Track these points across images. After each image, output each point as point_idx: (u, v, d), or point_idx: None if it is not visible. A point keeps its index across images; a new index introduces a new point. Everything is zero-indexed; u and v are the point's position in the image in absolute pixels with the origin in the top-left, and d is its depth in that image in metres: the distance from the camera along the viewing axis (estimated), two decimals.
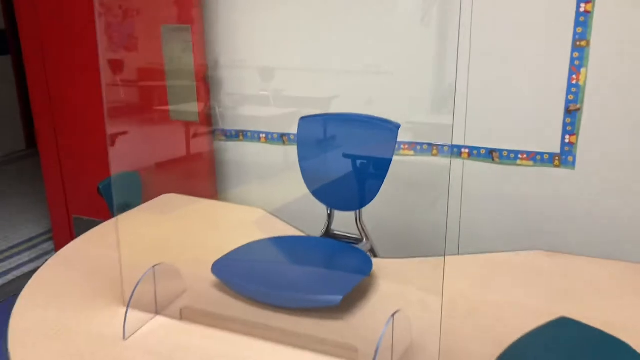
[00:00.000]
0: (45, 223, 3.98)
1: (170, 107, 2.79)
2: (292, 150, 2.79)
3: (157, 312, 1.56)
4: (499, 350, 1.31)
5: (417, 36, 2.48)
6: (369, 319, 1.51)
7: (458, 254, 2.22)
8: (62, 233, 3.46)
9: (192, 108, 2.80)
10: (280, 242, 1.86)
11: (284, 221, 2.12)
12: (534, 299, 1.58)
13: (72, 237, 3.43)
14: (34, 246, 3.65)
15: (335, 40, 2.62)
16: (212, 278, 1.70)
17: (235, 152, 2.92)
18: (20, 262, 3.44)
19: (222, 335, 1.45)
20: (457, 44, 2.42)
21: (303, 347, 1.40)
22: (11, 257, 3.51)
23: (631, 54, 2.17)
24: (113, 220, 2.26)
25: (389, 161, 1.86)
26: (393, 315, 1.30)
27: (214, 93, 2.91)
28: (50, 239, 3.72)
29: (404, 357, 1.34)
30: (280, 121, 2.82)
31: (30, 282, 1.75)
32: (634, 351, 1.27)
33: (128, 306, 1.47)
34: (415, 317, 1.48)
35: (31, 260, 3.45)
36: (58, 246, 3.52)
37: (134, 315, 1.50)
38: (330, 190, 1.97)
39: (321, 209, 2.13)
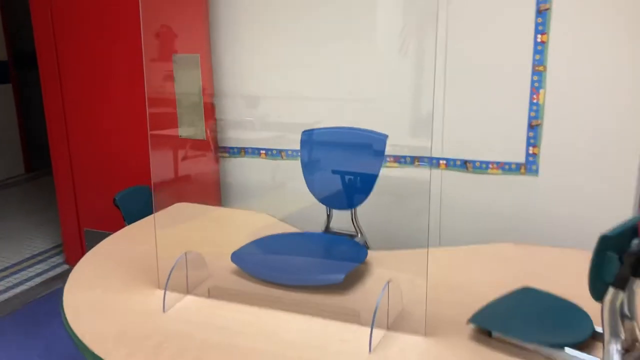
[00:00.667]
0: (54, 238, 4.22)
1: (180, 127, 3.11)
2: (290, 164, 3.11)
3: (188, 292, 1.85)
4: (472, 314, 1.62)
5: (396, 64, 2.83)
6: (367, 293, 1.82)
7: (439, 246, 2.55)
8: (72, 246, 3.71)
9: (200, 128, 3.12)
10: (287, 237, 2.17)
11: (287, 222, 2.43)
12: (502, 278, 1.91)
13: (83, 250, 3.68)
14: (44, 259, 3.89)
15: (321, 69, 2.97)
16: (232, 266, 2.00)
17: (237, 166, 3.24)
18: (33, 274, 3.68)
19: (245, 309, 1.75)
20: (433, 70, 2.78)
21: (314, 314, 1.70)
22: (23, 269, 3.74)
23: (580, 76, 2.55)
24: (129, 227, 2.53)
25: (380, 165, 2.20)
26: (388, 283, 1.61)
27: (218, 115, 3.23)
28: (60, 252, 3.96)
29: (397, 319, 1.65)
30: (275, 140, 3.15)
31: (73, 270, 2.03)
32: (584, 311, 1.59)
33: (167, 284, 1.76)
34: (405, 292, 1.78)
35: (44, 272, 3.69)
36: (69, 258, 3.77)
37: (169, 294, 1.79)
38: (329, 192, 2.29)
39: (320, 211, 2.44)
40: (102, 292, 1.88)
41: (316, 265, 1.92)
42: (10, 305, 3.26)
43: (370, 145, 2.21)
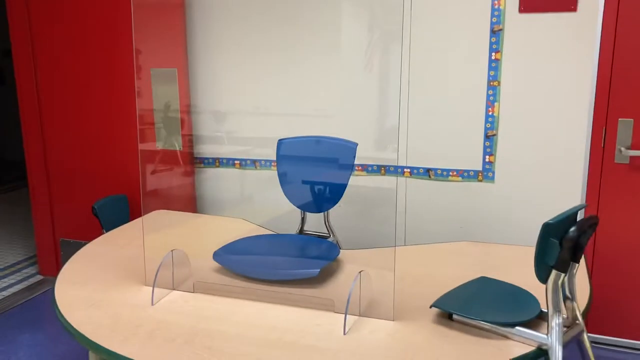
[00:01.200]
0: (26, 250, 4.26)
1: (157, 139, 3.24)
2: (263, 173, 3.27)
3: (173, 288, 1.98)
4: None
5: (362, 80, 3.04)
6: (340, 286, 1.99)
7: (405, 245, 2.74)
8: (47, 256, 3.77)
9: (176, 140, 3.26)
10: (264, 237, 2.32)
11: (263, 227, 2.58)
12: (461, 271, 2.11)
13: (57, 260, 3.74)
14: (17, 270, 3.92)
15: (291, 86, 3.15)
16: (214, 265, 2.15)
17: (212, 176, 3.38)
18: (6, 284, 3.72)
19: (228, 301, 1.90)
20: (399, 86, 2.99)
21: (293, 305, 1.86)
22: None
23: (531, 90, 2.80)
24: (109, 233, 2.64)
25: (350, 170, 2.38)
26: (360, 272, 1.78)
27: (194, 128, 3.37)
28: (33, 263, 4.00)
29: (368, 307, 1.82)
30: (248, 152, 3.31)
31: (62, 270, 2.14)
32: (533, 296, 1.79)
33: (155, 279, 1.90)
34: (375, 284, 1.96)
35: (17, 282, 3.73)
36: (43, 269, 3.82)
37: (157, 290, 1.92)
38: (303, 197, 2.45)
39: (294, 216, 2.61)
40: (92, 289, 1.99)
41: (292, 262, 2.08)
42: None
43: (341, 153, 2.40)
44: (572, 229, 1.52)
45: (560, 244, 1.53)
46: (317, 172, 2.43)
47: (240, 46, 3.22)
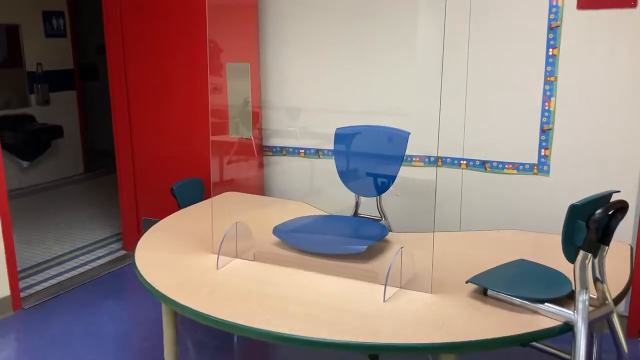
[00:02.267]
0: (112, 228, 4.69)
1: (230, 127, 3.52)
2: (325, 162, 3.48)
3: (236, 256, 2.22)
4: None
5: (427, 77, 3.16)
6: (386, 262, 2.16)
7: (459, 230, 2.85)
8: (131, 233, 4.15)
9: (248, 128, 3.53)
10: (321, 217, 2.53)
11: (320, 209, 2.78)
12: (502, 255, 2.21)
13: (139, 236, 4.11)
14: (104, 245, 4.35)
15: (358, 84, 3.33)
16: (273, 239, 2.37)
17: (279, 163, 3.63)
18: (95, 257, 4.14)
19: (284, 270, 2.11)
20: (465, 87, 3.09)
21: (341, 276, 2.04)
22: (87, 253, 4.21)
23: (588, 86, 2.84)
24: (184, 209, 2.91)
25: (402, 158, 2.54)
26: (401, 248, 1.95)
27: (264, 122, 3.64)
28: (118, 239, 4.41)
29: (409, 281, 1.98)
30: (313, 144, 3.53)
31: (142, 238, 2.43)
32: (566, 277, 1.89)
33: (220, 246, 2.15)
34: (419, 263, 2.11)
35: (105, 255, 4.15)
36: (126, 245, 4.21)
37: (221, 257, 2.17)
38: (357, 181, 2.64)
39: (350, 199, 2.79)
40: (166, 255, 2.27)
41: (344, 239, 2.27)
42: (75, 281, 3.71)
43: (393, 140, 2.56)
44: (598, 211, 1.62)
45: (586, 225, 1.63)
46: (370, 158, 2.60)
47: (311, 43, 3.43)
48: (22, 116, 6.06)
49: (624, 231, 2.88)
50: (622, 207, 1.67)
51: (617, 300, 1.86)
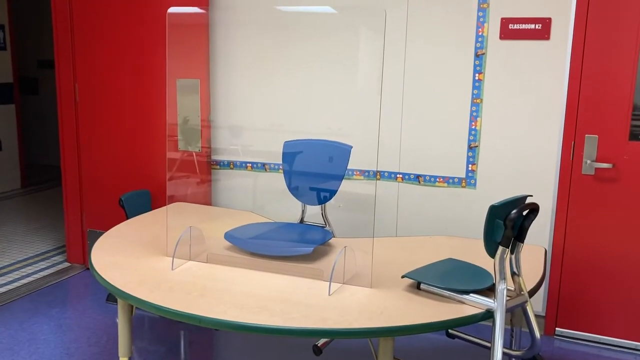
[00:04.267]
0: (54, 241, 4.66)
1: (180, 141, 3.65)
2: (271, 175, 3.67)
3: (190, 259, 2.36)
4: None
5: (365, 99, 3.43)
6: (330, 263, 2.36)
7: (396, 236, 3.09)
8: (75, 245, 4.17)
9: (196, 143, 3.67)
10: (269, 224, 2.70)
11: (268, 218, 2.96)
12: (434, 255, 2.46)
13: (84, 249, 4.14)
14: (47, 258, 4.33)
15: (307, 104, 3.56)
16: (225, 244, 2.53)
17: (227, 176, 3.78)
18: (37, 269, 4.12)
19: (236, 270, 2.27)
20: (400, 108, 3.37)
21: (289, 274, 2.22)
22: (29, 265, 4.19)
23: (510, 108, 3.17)
24: (133, 219, 3.01)
25: (345, 169, 2.77)
26: (344, 247, 2.15)
27: (213, 134, 3.79)
28: (62, 252, 4.40)
29: (351, 278, 2.18)
30: (259, 159, 3.72)
31: (96, 243, 2.52)
32: (488, 272, 2.14)
33: (175, 248, 2.28)
34: (360, 264, 2.32)
35: (47, 268, 4.14)
36: (70, 257, 4.22)
37: (175, 259, 2.30)
38: (305, 191, 2.84)
39: (295, 211, 2.98)
40: (122, 257, 2.38)
41: (292, 241, 2.46)
42: (18, 292, 3.70)
43: (337, 153, 2.78)
44: (514, 211, 1.88)
45: (504, 223, 1.89)
46: (316, 169, 2.81)
47: (258, 62, 3.64)
48: None
49: (540, 236, 3.22)
50: (534, 209, 1.94)
51: (531, 293, 2.13)
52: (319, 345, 2.69)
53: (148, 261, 2.35)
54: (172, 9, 3.05)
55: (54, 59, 4.01)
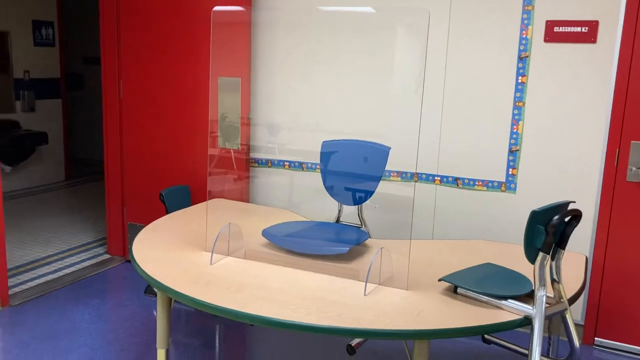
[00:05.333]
0: (95, 233, 4.79)
1: (219, 137, 3.71)
2: (308, 174, 3.69)
3: (228, 254, 2.39)
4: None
5: (404, 101, 3.41)
6: (366, 263, 2.36)
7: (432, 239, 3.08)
8: (115, 238, 4.27)
9: (235, 139, 3.72)
10: (307, 222, 2.72)
11: (304, 216, 2.98)
12: (471, 260, 2.43)
13: (124, 241, 4.24)
14: (88, 249, 4.46)
15: (346, 105, 3.56)
16: (262, 241, 2.55)
17: (264, 173, 3.82)
18: (80, 259, 4.25)
19: (273, 267, 2.29)
20: (440, 109, 3.35)
21: (325, 272, 2.24)
22: (71, 256, 4.31)
23: (553, 112, 3.11)
24: (173, 214, 3.07)
25: (382, 170, 2.76)
26: (381, 249, 2.15)
27: (252, 132, 3.84)
28: (102, 244, 4.52)
29: (387, 279, 2.18)
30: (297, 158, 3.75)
31: (137, 237, 2.58)
32: (527, 278, 2.11)
33: (214, 244, 2.32)
34: (396, 265, 2.31)
35: (88, 259, 4.26)
36: (111, 249, 4.33)
37: (214, 255, 2.34)
38: (341, 191, 2.85)
39: (331, 210, 3.00)
40: (162, 251, 2.43)
41: (329, 240, 2.47)
42: (61, 281, 3.81)
43: (375, 154, 2.78)
44: (556, 217, 1.85)
45: (545, 229, 1.86)
46: (353, 170, 2.81)
47: (298, 62, 3.66)
48: (7, 122, 6.14)
49: (581, 243, 3.15)
50: (576, 215, 1.91)
51: (571, 301, 2.08)
52: (353, 345, 2.70)
53: (187, 255, 2.39)
54: (217, 8, 3.10)
55: (100, 55, 4.12)
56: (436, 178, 3.41)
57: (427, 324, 1.84)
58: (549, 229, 1.85)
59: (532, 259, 1.92)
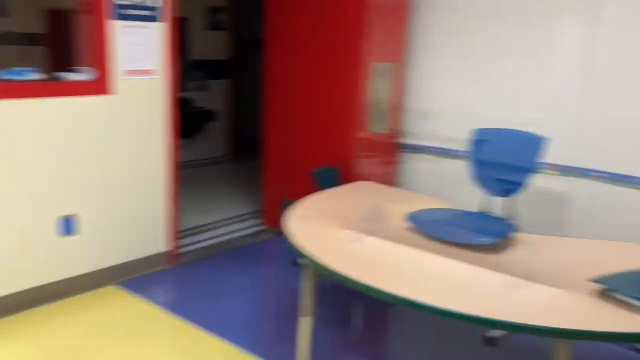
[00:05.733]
0: (252, 206, 5.18)
1: (371, 121, 3.81)
2: (457, 162, 3.65)
3: (372, 235, 2.48)
4: None
5: (569, 94, 3.22)
6: (512, 257, 2.31)
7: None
8: (272, 211, 4.58)
9: (385, 126, 3.79)
10: (452, 211, 2.72)
11: (451, 204, 2.97)
12: (625, 263, 2.26)
13: (277, 215, 4.52)
14: (246, 220, 4.84)
15: (504, 92, 3.46)
16: (406, 224, 2.60)
17: (413, 159, 3.86)
18: (239, 228, 4.63)
19: (416, 251, 2.34)
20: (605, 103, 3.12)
21: (467, 262, 2.24)
22: (229, 225, 4.71)
23: None
24: (325, 192, 3.21)
25: (536, 161, 2.66)
26: (531, 243, 2.09)
27: (404, 118, 3.88)
28: (258, 216, 4.88)
29: (534, 275, 2.12)
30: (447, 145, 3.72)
31: (290, 213, 2.76)
32: None
33: (361, 224, 2.42)
34: (543, 261, 2.24)
35: (247, 228, 4.63)
36: (267, 220, 4.65)
37: (359, 234, 2.44)
38: (491, 181, 2.80)
39: (480, 198, 2.95)
40: (313, 226, 2.59)
41: (474, 231, 2.45)
42: (220, 248, 4.19)
43: (530, 144, 2.68)
44: None
45: None
46: (505, 160, 2.74)
47: (457, 48, 3.62)
48: (183, 99, 6.78)
49: None
50: None
51: None
52: (494, 337, 2.67)
53: (335, 232, 2.52)
54: None
55: (261, 39, 4.39)
56: (593, 174, 3.20)
57: (576, 324, 1.78)
58: None
59: None
